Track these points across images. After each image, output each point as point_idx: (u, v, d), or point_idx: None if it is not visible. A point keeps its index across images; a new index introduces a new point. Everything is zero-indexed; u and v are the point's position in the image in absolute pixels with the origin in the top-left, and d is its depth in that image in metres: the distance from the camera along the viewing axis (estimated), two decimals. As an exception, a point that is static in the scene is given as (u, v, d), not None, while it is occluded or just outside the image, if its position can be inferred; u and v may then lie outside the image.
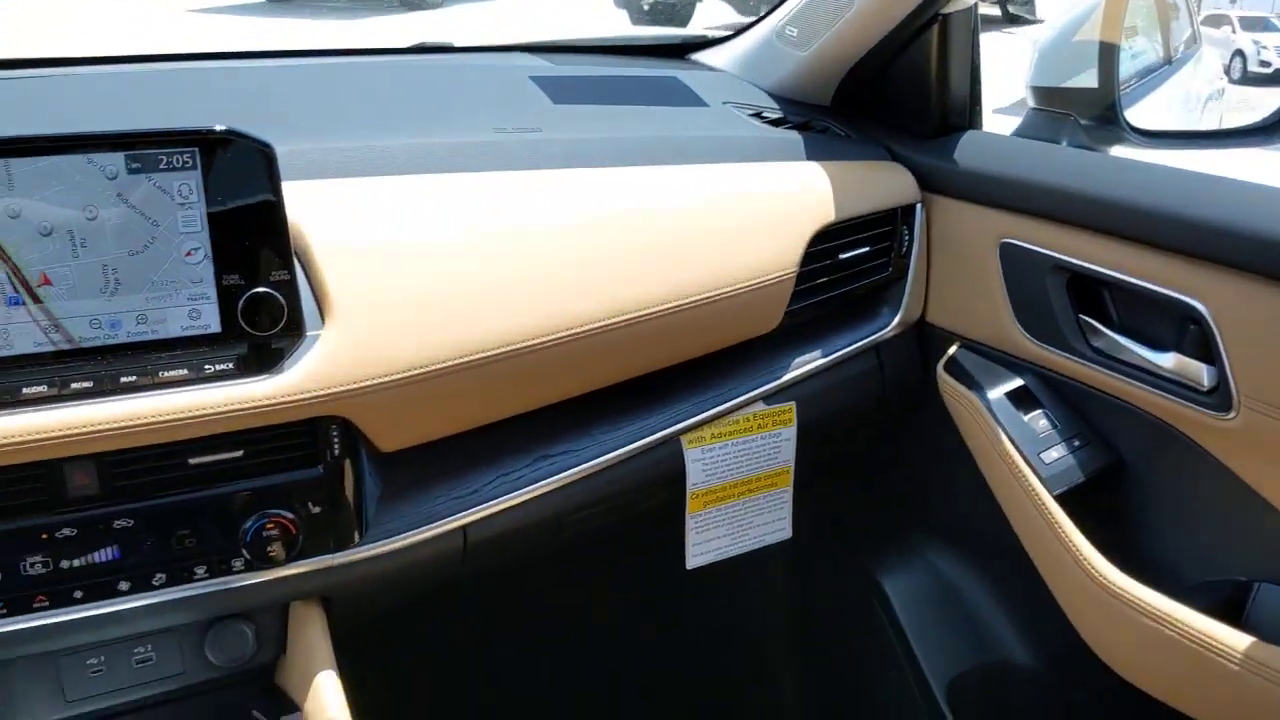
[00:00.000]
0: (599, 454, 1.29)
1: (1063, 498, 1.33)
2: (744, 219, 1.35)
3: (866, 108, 1.63)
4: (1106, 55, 1.44)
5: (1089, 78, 1.45)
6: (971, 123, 1.58)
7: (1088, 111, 1.45)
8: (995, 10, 12.94)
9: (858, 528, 1.77)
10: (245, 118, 1.04)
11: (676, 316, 1.27)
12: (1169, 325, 1.25)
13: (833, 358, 1.48)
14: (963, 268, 1.49)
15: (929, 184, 1.51)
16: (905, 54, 1.54)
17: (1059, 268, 1.34)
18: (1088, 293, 1.35)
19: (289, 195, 1.04)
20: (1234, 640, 1.15)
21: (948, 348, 1.50)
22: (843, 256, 1.45)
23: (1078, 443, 1.37)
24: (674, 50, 1.86)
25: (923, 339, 1.57)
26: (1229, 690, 1.16)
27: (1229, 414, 1.18)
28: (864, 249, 1.48)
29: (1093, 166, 1.35)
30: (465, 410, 1.20)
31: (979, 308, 1.47)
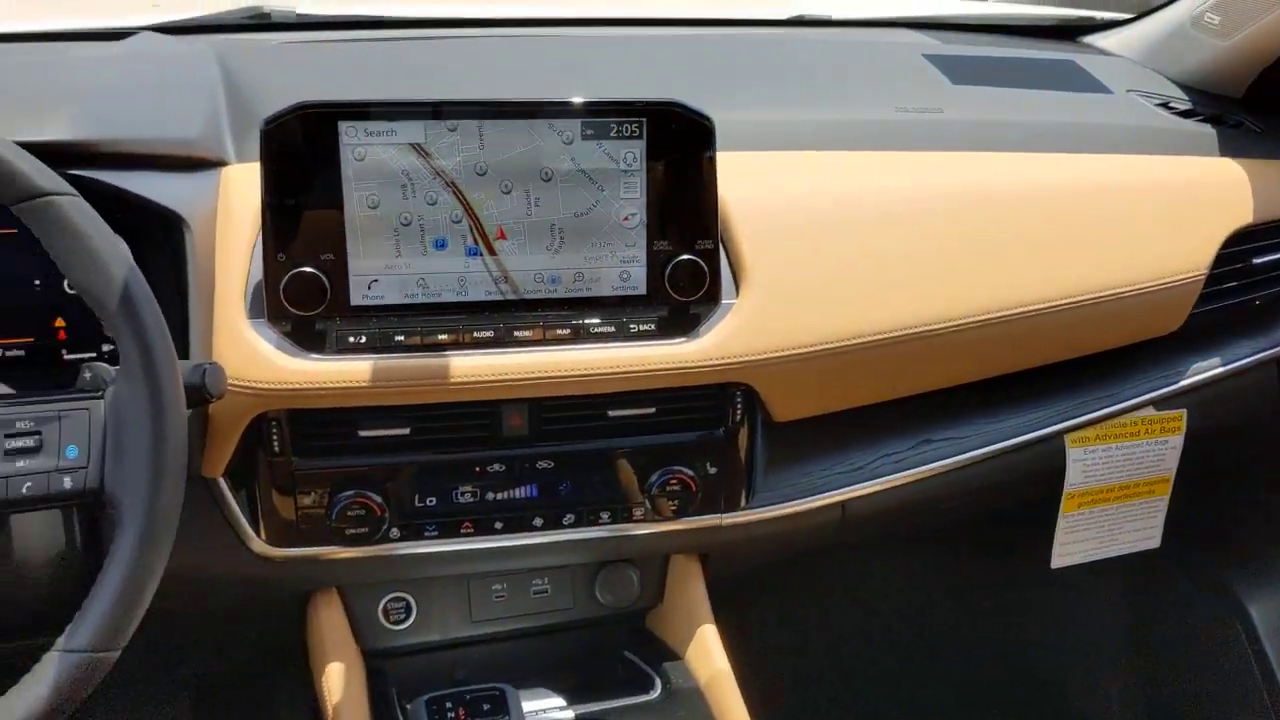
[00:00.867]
0: (981, 444, 1.27)
1: None
2: (1155, 214, 1.29)
3: None
4: None
5: None
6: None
7: None
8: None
9: (1224, 544, 1.67)
10: (661, 87, 1.08)
11: (1077, 312, 1.23)
12: None
13: (1232, 367, 1.39)
14: None
15: None
16: None
17: None
18: None
19: None
20: None
21: None
22: (1256, 261, 1.36)
23: None
24: (1063, 31, 1.78)
25: None
26: None
27: None
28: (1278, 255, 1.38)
29: None
30: (857, 388, 1.21)
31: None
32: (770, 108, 1.31)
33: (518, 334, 1.06)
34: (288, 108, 0.98)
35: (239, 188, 1.06)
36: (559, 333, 1.07)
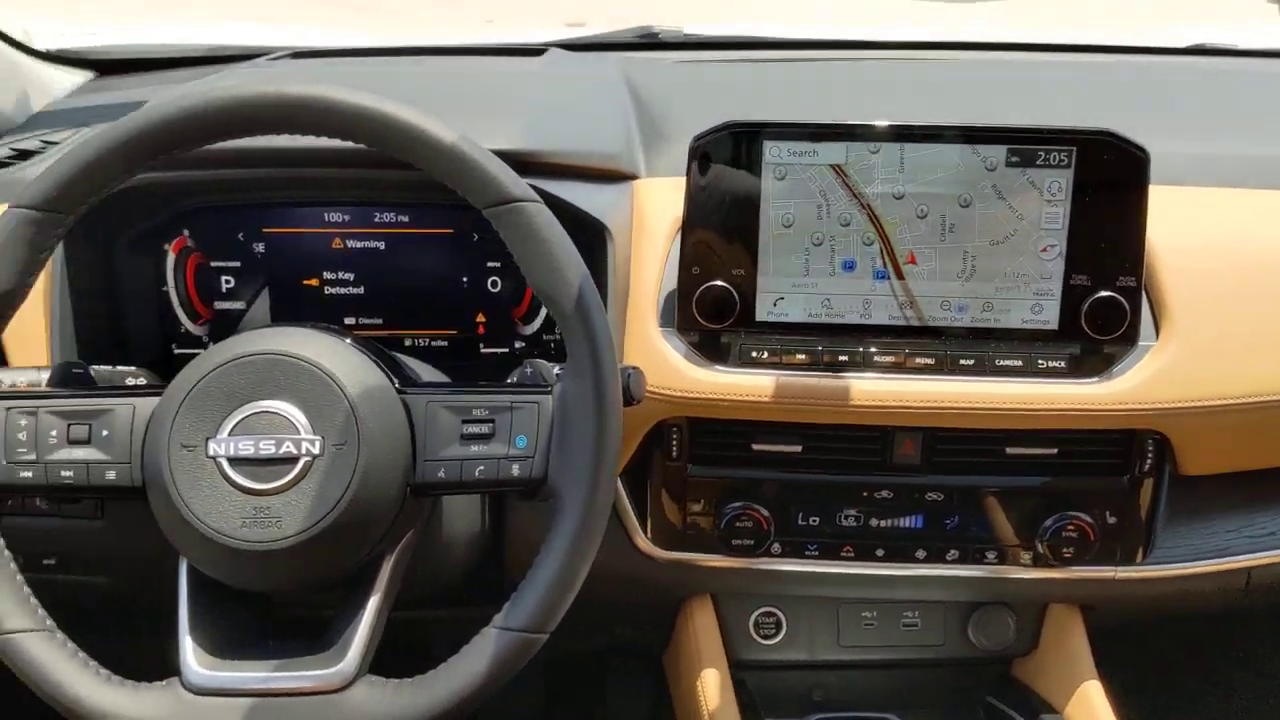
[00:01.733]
0: None
1: None
2: None
3: None
4: None
5: None
6: None
7: None
8: None
9: None
10: (1062, 114, 1.02)
11: None
12: None
13: None
14: None
15: None
16: None
17: None
18: None
19: None
20: None
21: None
22: None
23: None
24: None
25: None
26: None
27: None
28: None
29: None
30: (1276, 446, 1.11)
31: None
32: (1190, 141, 1.22)
33: (920, 360, 1.05)
34: (717, 125, 1.01)
35: (652, 201, 1.11)
36: (963, 363, 1.05)
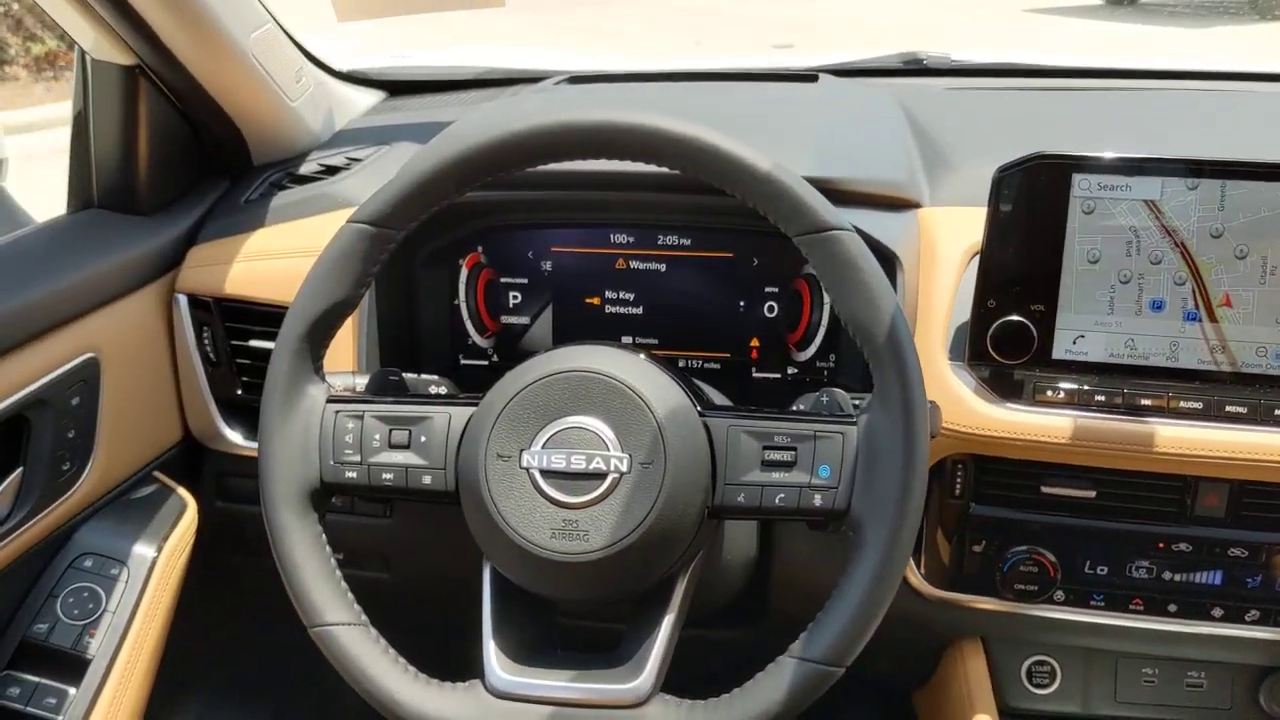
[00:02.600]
0: None
1: None
2: None
3: None
4: None
5: None
6: None
7: None
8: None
9: None
10: None
11: None
12: None
13: None
14: None
15: None
16: None
17: None
18: None
19: None
20: None
21: None
22: None
23: None
24: None
25: None
26: None
27: None
28: None
29: None
30: None
31: None
32: None
33: (1230, 409, 0.99)
34: (1025, 156, 0.99)
35: (941, 230, 1.09)
36: (1277, 413, 0.98)
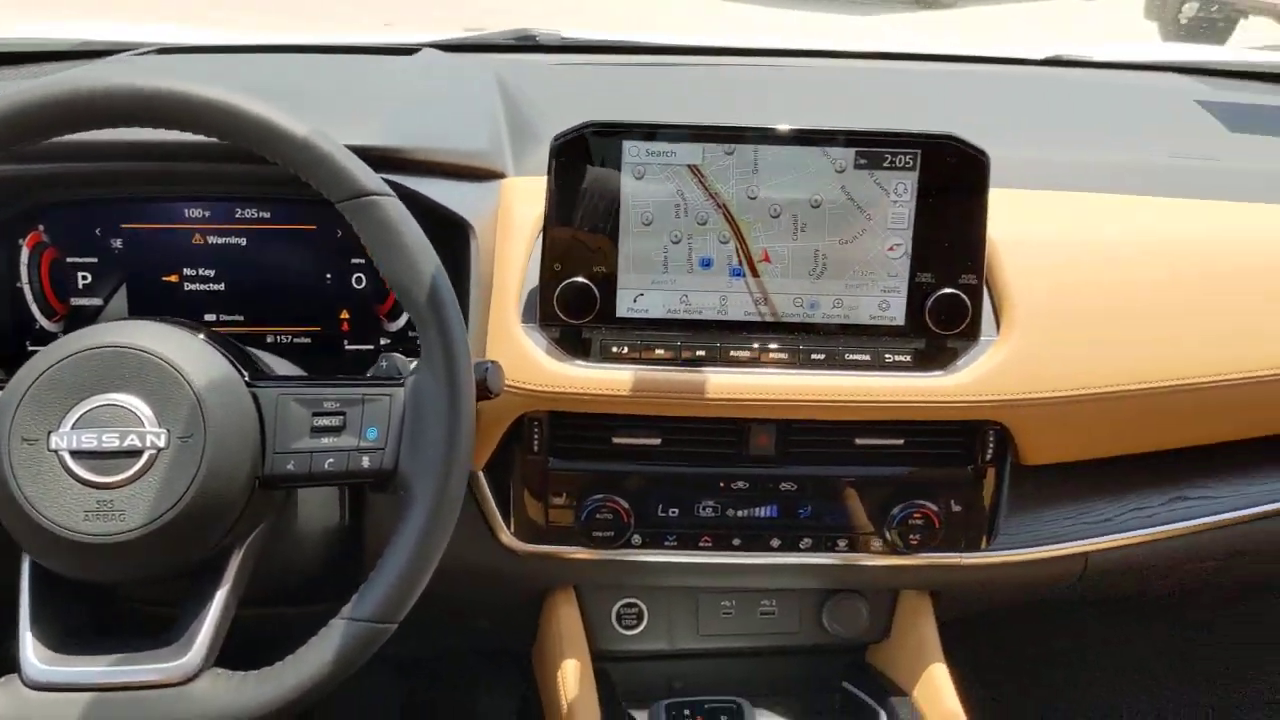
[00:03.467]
0: (1239, 506, 1.21)
1: None
2: None
3: None
4: None
5: None
6: None
7: None
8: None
9: None
10: (918, 119, 1.07)
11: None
12: None
13: None
14: None
15: None
16: None
17: None
18: None
19: None
20: None
21: None
22: None
23: None
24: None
25: None
26: None
27: None
28: None
29: None
30: (1113, 437, 1.17)
31: None
32: (1034, 147, 1.28)
33: (774, 355, 1.08)
34: (577, 125, 1.03)
35: (517, 199, 1.12)
36: (814, 357, 1.08)
